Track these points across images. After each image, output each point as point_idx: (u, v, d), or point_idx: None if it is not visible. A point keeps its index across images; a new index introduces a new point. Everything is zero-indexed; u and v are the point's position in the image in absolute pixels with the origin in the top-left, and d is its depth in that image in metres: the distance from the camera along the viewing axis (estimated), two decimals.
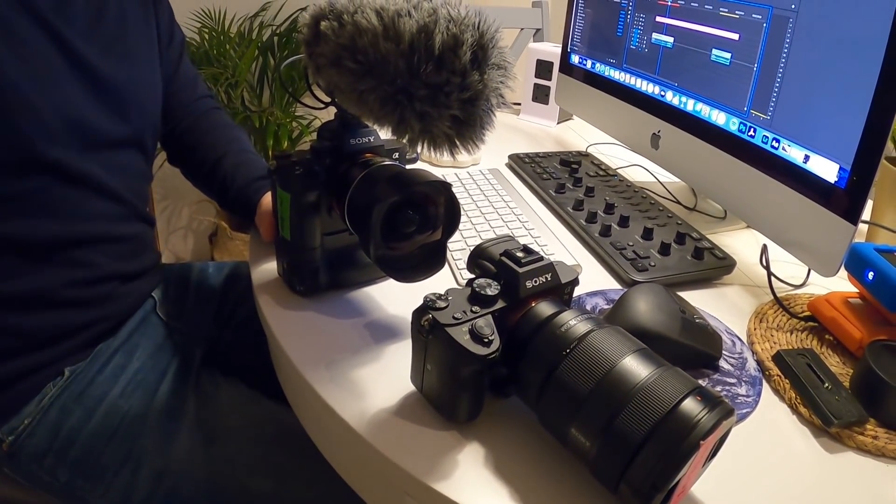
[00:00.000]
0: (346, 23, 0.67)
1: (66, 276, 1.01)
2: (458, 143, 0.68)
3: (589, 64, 1.60)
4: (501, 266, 0.65)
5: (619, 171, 1.44)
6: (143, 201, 1.18)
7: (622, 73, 1.46)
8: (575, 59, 1.67)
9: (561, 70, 1.75)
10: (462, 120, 0.66)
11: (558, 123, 1.91)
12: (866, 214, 1.21)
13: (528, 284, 0.64)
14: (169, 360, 1.14)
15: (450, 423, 0.67)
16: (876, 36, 0.83)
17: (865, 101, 0.85)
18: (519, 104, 1.99)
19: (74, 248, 1.03)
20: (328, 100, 0.78)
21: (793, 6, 0.97)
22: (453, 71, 0.64)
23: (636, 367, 0.55)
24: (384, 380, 0.74)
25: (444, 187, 0.73)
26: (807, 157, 0.95)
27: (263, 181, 1.15)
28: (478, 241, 1.00)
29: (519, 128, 1.89)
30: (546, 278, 0.65)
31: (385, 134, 0.75)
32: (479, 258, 0.68)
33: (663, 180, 1.40)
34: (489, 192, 1.23)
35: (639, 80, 1.40)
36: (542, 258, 0.66)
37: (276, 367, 0.93)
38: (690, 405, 0.52)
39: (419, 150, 0.68)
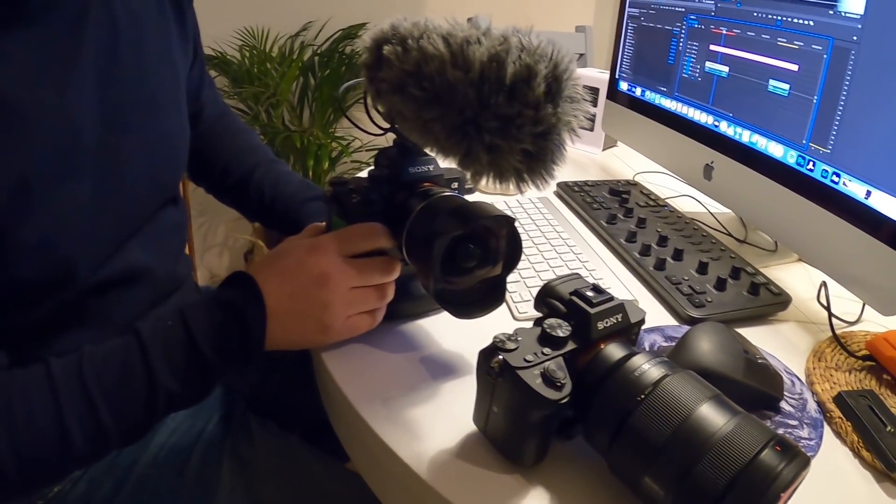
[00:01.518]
0: (411, 48, 0.67)
1: None
2: (527, 177, 0.67)
3: (638, 91, 1.60)
4: (572, 306, 0.64)
5: (668, 201, 1.43)
6: (178, 259, 1.14)
7: (673, 102, 1.46)
8: (623, 85, 1.67)
9: (608, 97, 1.75)
10: (533, 154, 0.65)
11: (603, 150, 1.92)
12: None
13: (600, 325, 0.63)
14: (207, 417, 1.10)
15: (514, 467, 0.66)
16: None
17: None
18: None
19: None
20: (387, 125, 0.79)
21: (854, 37, 0.96)
22: (526, 103, 0.62)
23: (713, 415, 0.54)
24: (443, 418, 0.74)
25: (508, 221, 0.73)
26: (868, 193, 0.94)
27: (315, 203, 1.15)
28: (531, 273, 1.00)
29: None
30: (617, 319, 0.64)
31: (445, 163, 0.75)
32: (547, 296, 0.68)
33: (713, 209, 1.39)
34: (540, 221, 1.23)
35: (691, 110, 1.39)
36: (612, 298, 0.65)
37: (327, 405, 0.92)
38: (770, 456, 0.51)
39: (484, 182, 0.67)
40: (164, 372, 0.74)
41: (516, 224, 0.74)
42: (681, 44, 1.42)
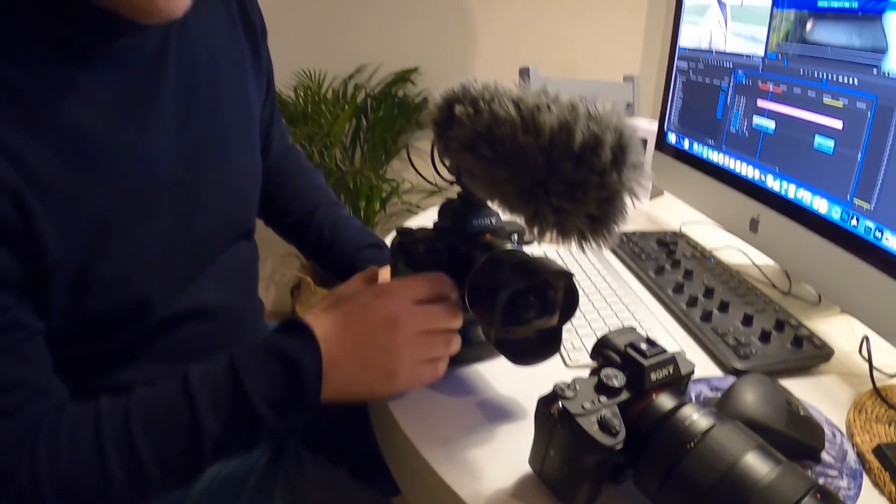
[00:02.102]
0: (483, 110, 0.72)
1: None
2: (589, 237, 0.70)
3: (686, 144, 1.65)
4: (627, 358, 0.69)
5: (714, 252, 1.47)
6: (250, 297, 1.17)
7: (721, 155, 1.50)
8: (672, 137, 1.72)
9: (657, 147, 1.80)
10: (597, 217, 0.68)
11: (651, 199, 1.96)
12: None
13: (653, 377, 0.67)
14: (261, 449, 1.13)
15: None
16: None
17: None
18: None
19: None
20: (452, 178, 0.84)
21: None
22: (593, 170, 0.66)
23: (757, 464, 0.59)
24: (499, 460, 0.78)
25: (566, 276, 0.77)
26: None
27: (371, 250, 1.20)
28: (582, 322, 1.04)
29: None
30: (669, 371, 0.69)
31: (506, 216, 0.80)
32: (604, 348, 0.72)
33: (758, 261, 1.43)
34: (590, 270, 1.28)
35: (738, 163, 1.43)
36: (664, 351, 0.69)
37: (384, 443, 0.96)
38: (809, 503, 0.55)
39: (548, 239, 0.71)
40: (209, 421, 0.75)
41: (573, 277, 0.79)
42: (728, 98, 1.47)
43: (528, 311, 0.77)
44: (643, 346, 0.69)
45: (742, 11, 1.42)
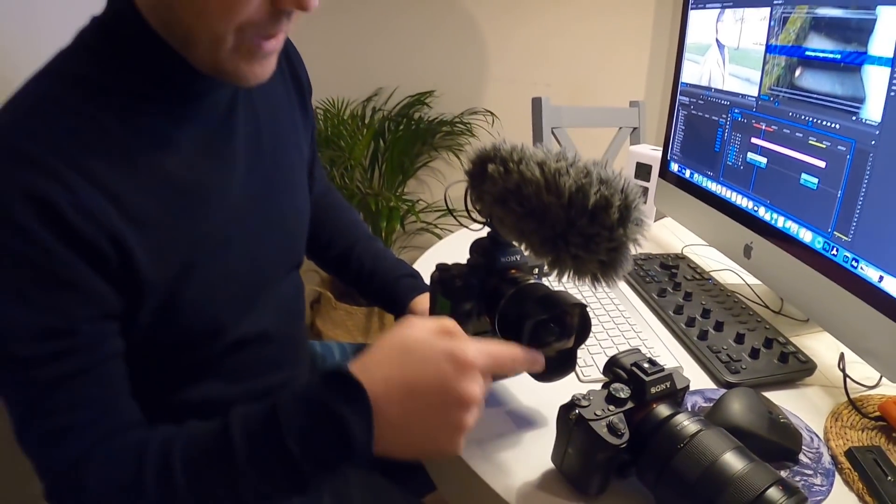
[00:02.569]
0: (512, 171, 0.86)
1: None
2: (600, 279, 0.85)
3: (687, 173, 1.78)
4: (632, 374, 0.84)
5: (713, 273, 1.61)
6: (300, 320, 1.27)
7: (718, 186, 1.63)
8: (674, 167, 1.85)
9: (660, 175, 1.93)
10: (607, 263, 0.83)
11: (655, 221, 2.10)
12: None
13: (653, 390, 0.83)
14: None
15: (581, 496, 0.86)
16: None
17: None
18: None
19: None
20: (483, 220, 0.98)
21: (873, 142, 1.12)
22: (603, 226, 0.80)
23: (733, 461, 0.74)
24: (526, 458, 0.94)
25: (581, 307, 0.92)
26: (881, 277, 1.11)
27: (408, 279, 1.33)
28: (593, 342, 1.20)
29: None
30: (666, 385, 0.84)
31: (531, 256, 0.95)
32: (613, 366, 0.87)
33: (752, 282, 1.57)
34: (601, 294, 1.42)
35: (734, 194, 1.56)
36: (663, 369, 0.85)
37: None
38: (773, 492, 0.70)
39: (565, 278, 0.87)
40: (246, 471, 0.75)
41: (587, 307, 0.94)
42: (726, 134, 1.60)
43: (548, 336, 0.92)
44: (645, 365, 0.84)
45: (738, 54, 1.54)
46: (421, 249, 3.51)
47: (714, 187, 1.66)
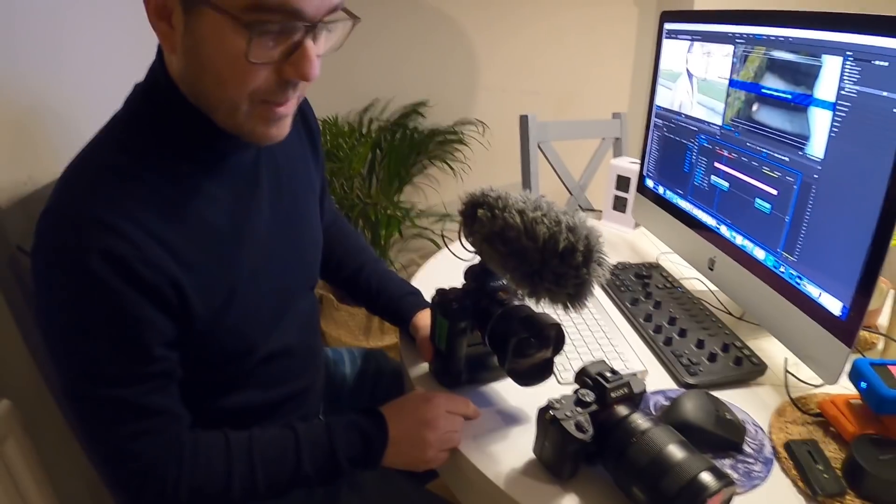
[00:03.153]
0: (498, 216, 1.05)
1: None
2: (568, 306, 1.04)
3: (661, 190, 1.94)
4: (596, 382, 1.03)
5: (683, 281, 1.78)
6: (316, 334, 1.46)
7: (687, 203, 1.78)
8: (650, 183, 2.01)
9: (638, 189, 2.09)
10: (574, 295, 1.02)
11: (634, 228, 2.26)
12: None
13: (613, 395, 1.01)
14: None
15: (556, 480, 1.06)
16: (869, 212, 1.12)
17: (860, 259, 1.15)
18: (601, 211, 2.35)
19: (271, 409, 1.28)
20: (474, 251, 1.16)
21: (815, 176, 1.25)
22: (570, 266, 1.00)
23: (675, 451, 0.93)
24: (512, 449, 1.13)
25: (557, 326, 1.11)
26: (820, 294, 1.25)
27: (410, 297, 1.51)
28: (570, 348, 1.37)
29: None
30: (624, 391, 1.03)
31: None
32: (582, 375, 1.06)
33: (716, 290, 1.73)
34: None
35: (700, 212, 1.71)
36: (622, 377, 1.03)
37: None
38: (705, 476, 0.89)
39: (541, 305, 1.06)
40: (307, 463, 1.08)
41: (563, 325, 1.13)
42: (694, 157, 1.74)
43: (529, 349, 1.12)
44: (608, 374, 1.03)
45: (706, 85, 1.67)
46: (418, 252, 3.69)
47: (683, 204, 1.81)
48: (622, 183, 2.25)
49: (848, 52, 1.18)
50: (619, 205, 2.28)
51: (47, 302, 0.94)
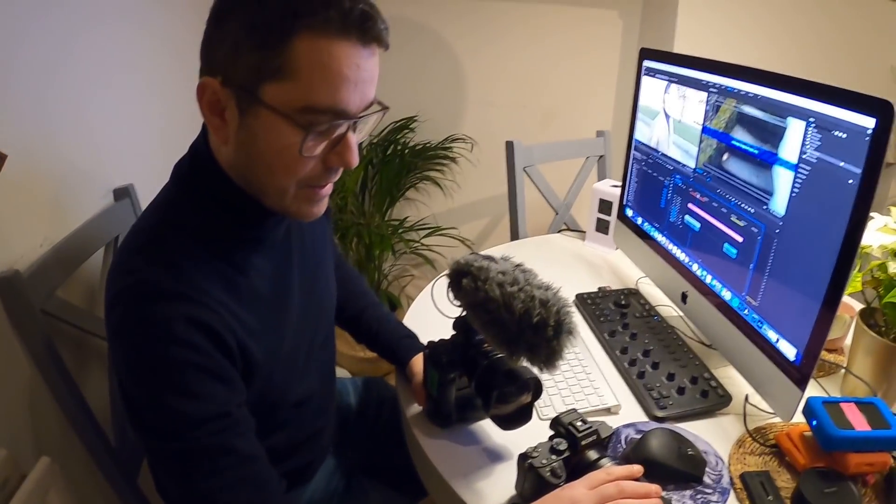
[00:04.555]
0: (480, 288, 1.19)
1: (283, 467, 1.36)
2: (543, 369, 1.19)
3: (639, 221, 2.07)
4: (568, 430, 1.19)
5: (659, 308, 1.91)
6: (333, 377, 1.63)
7: (663, 237, 1.91)
8: (629, 212, 2.14)
9: (618, 217, 2.22)
10: (546, 360, 1.18)
11: (616, 249, 2.38)
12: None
13: (583, 441, 1.17)
14: (336, 484, 1.62)
15: None
16: (823, 271, 1.22)
17: (814, 312, 1.25)
18: (584, 232, 2.50)
19: (293, 449, 1.42)
20: (461, 309, 1.30)
21: (777, 230, 1.36)
22: (542, 338, 1.15)
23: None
24: (496, 484, 1.28)
25: (535, 379, 1.27)
26: (778, 339, 1.37)
27: (406, 340, 1.68)
28: (549, 384, 1.50)
29: (582, 255, 2.41)
30: (594, 437, 1.18)
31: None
32: (556, 424, 1.21)
33: (688, 320, 1.87)
34: None
35: (675, 248, 1.84)
36: (591, 425, 1.19)
37: (421, 471, 1.43)
38: None
39: (520, 364, 1.22)
40: None
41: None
42: (669, 194, 1.86)
43: (510, 398, 1.28)
44: (578, 423, 1.19)
45: (681, 127, 1.78)
46: (409, 262, 3.79)
47: (660, 238, 1.93)
48: (604, 206, 2.39)
49: (811, 119, 1.27)
50: (602, 227, 2.42)
51: (136, 368, 1.04)
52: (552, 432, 1.22)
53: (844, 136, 1.19)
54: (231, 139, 1.08)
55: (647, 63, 2.00)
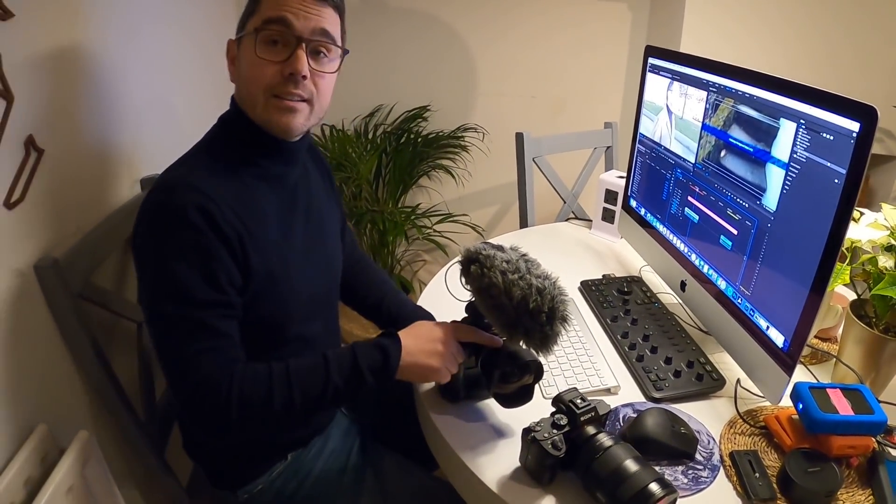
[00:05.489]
0: (486, 274, 1.30)
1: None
2: (540, 351, 1.31)
3: (642, 211, 2.14)
4: (568, 407, 1.27)
5: (659, 295, 1.99)
6: (337, 328, 1.78)
7: (664, 228, 1.98)
8: (633, 203, 2.22)
9: (623, 207, 2.29)
10: (541, 343, 1.29)
11: (620, 238, 2.46)
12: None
13: (582, 417, 1.26)
14: (352, 440, 1.73)
15: (537, 484, 1.29)
16: (810, 265, 1.28)
17: (801, 303, 1.31)
18: (591, 221, 2.58)
19: None
20: (470, 290, 1.39)
21: (769, 225, 1.42)
22: (538, 322, 1.26)
23: (631, 465, 1.18)
24: (501, 457, 1.37)
25: (536, 361, 1.37)
26: (768, 327, 1.43)
27: (421, 313, 1.79)
28: (555, 365, 1.58)
29: (589, 243, 2.50)
30: (592, 413, 1.27)
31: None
32: (558, 401, 1.30)
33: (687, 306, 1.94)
34: None
35: (675, 238, 1.91)
36: (590, 403, 1.27)
37: (432, 444, 1.53)
38: (653, 486, 1.13)
39: (519, 345, 1.33)
40: (335, 375, 1.31)
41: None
42: (670, 187, 1.93)
43: (512, 377, 1.38)
44: (578, 400, 1.27)
45: (682, 123, 1.85)
46: (421, 248, 3.87)
47: (661, 228, 2.00)
48: (610, 196, 2.48)
49: (802, 120, 1.33)
50: (608, 216, 2.50)
51: (151, 247, 1.29)
52: (554, 409, 1.32)
53: (832, 138, 1.25)
54: (235, 76, 1.43)
55: (651, 60, 2.07)
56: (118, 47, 1.90)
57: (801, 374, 1.50)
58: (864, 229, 1.61)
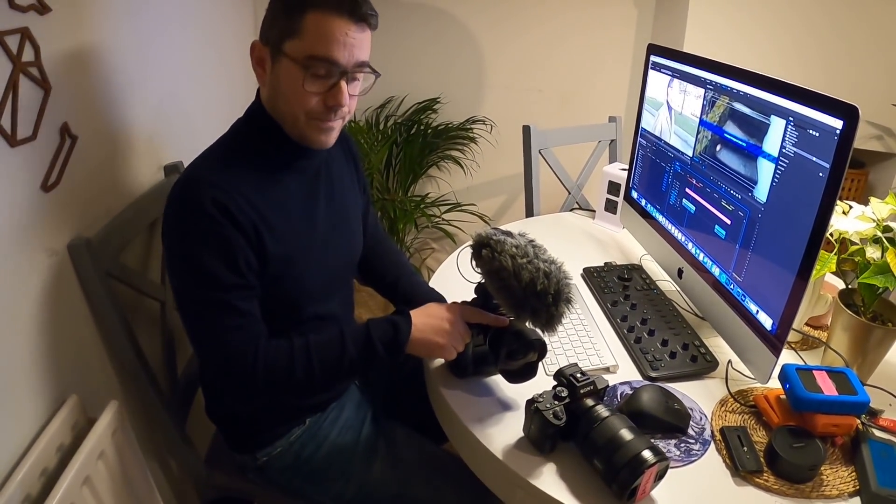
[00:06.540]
0: (495, 258, 1.38)
1: None
2: (545, 330, 1.40)
3: (643, 202, 2.21)
4: (569, 380, 1.35)
5: (658, 283, 2.07)
6: (352, 309, 1.87)
7: (663, 218, 2.05)
8: (634, 194, 2.29)
9: (625, 198, 2.36)
10: (547, 323, 1.38)
11: (623, 228, 2.53)
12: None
13: (581, 391, 1.34)
14: (365, 411, 1.81)
15: (539, 453, 1.36)
16: (795, 253, 1.35)
17: (787, 289, 1.38)
18: (594, 211, 2.66)
19: None
20: (480, 272, 1.47)
21: (759, 215, 1.49)
22: (544, 303, 1.35)
23: (625, 434, 1.26)
24: (506, 427, 1.45)
25: (540, 340, 1.45)
26: (758, 311, 1.51)
27: (434, 295, 1.86)
28: (557, 345, 1.66)
29: (592, 233, 2.57)
30: (591, 387, 1.35)
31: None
32: (559, 375, 1.38)
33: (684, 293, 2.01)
34: None
35: (673, 228, 1.98)
36: (589, 377, 1.36)
37: (441, 417, 1.61)
38: (646, 453, 1.22)
39: (525, 325, 1.41)
40: (350, 346, 1.42)
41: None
42: (669, 179, 2.00)
43: (518, 355, 1.46)
44: (578, 375, 1.35)
45: (681, 118, 1.91)
46: (430, 236, 3.97)
47: (660, 218, 2.07)
48: (613, 188, 2.54)
49: (790, 118, 1.39)
50: (611, 207, 2.57)
51: (176, 237, 1.40)
52: (555, 382, 1.39)
53: (817, 134, 1.31)
54: (267, 82, 1.47)
55: (653, 58, 2.13)
56: (144, 42, 1.99)
57: (792, 360, 1.58)
58: (853, 221, 1.67)
